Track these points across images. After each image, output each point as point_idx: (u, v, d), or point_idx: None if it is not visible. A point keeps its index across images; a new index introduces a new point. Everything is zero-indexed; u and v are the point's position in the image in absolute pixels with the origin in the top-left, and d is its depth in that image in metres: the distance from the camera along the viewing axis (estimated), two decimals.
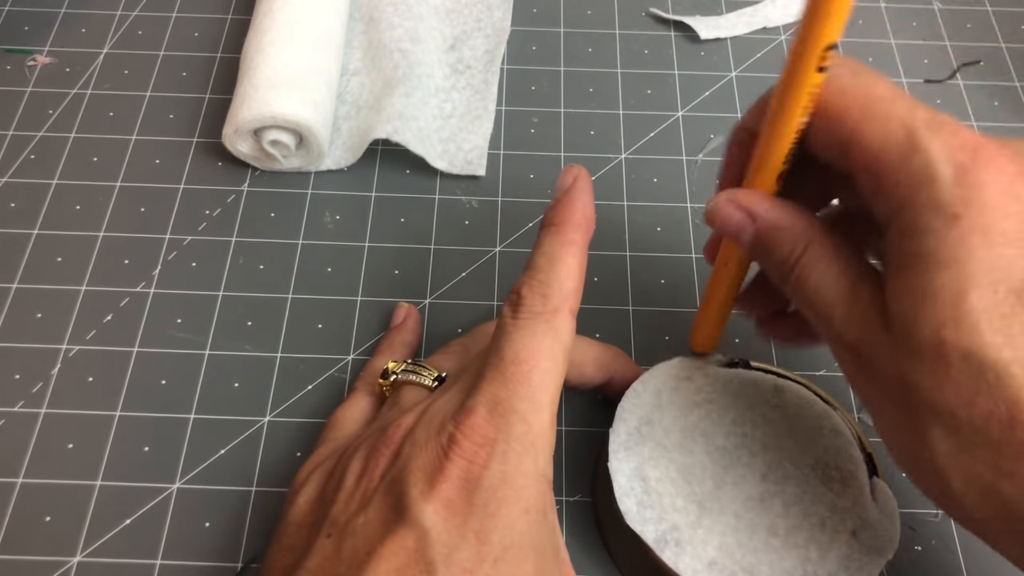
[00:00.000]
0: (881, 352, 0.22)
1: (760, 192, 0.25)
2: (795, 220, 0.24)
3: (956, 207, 0.20)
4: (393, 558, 0.22)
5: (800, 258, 0.24)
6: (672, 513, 0.28)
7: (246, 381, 0.35)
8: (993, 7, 0.48)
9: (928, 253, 0.20)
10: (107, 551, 0.31)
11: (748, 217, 0.25)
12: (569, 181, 0.27)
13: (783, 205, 0.25)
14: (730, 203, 0.25)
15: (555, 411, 0.25)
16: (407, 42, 0.42)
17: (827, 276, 0.23)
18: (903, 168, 0.21)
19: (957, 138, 0.21)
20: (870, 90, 0.22)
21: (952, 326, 0.20)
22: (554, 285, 0.25)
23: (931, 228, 0.20)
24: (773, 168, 0.24)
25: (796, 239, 0.24)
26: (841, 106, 0.23)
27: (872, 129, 0.22)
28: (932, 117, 0.21)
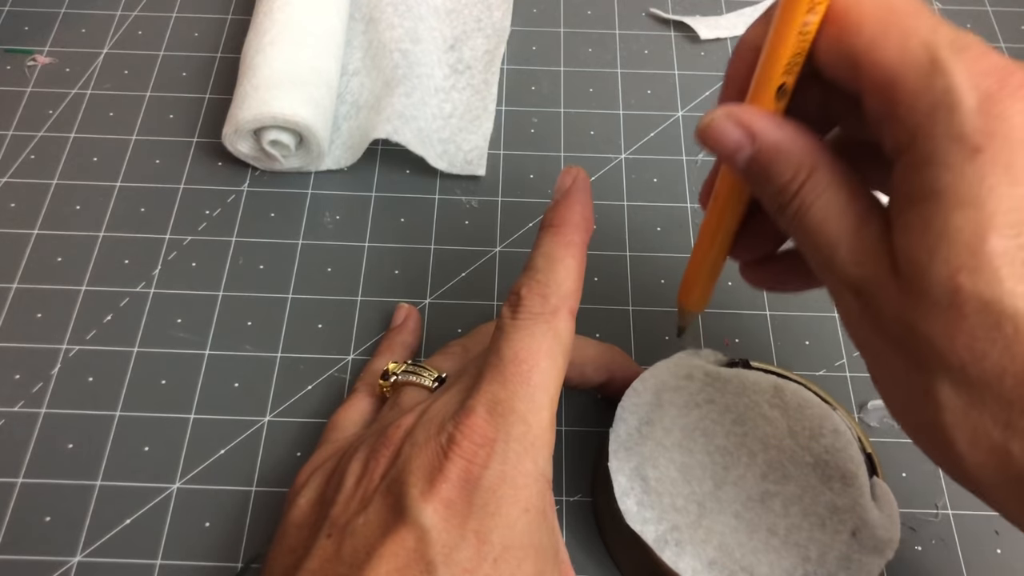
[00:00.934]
0: (887, 295, 0.20)
1: (761, 109, 0.23)
2: (799, 142, 0.22)
3: (978, 139, 0.18)
4: (393, 558, 0.22)
5: (803, 185, 0.22)
6: (672, 513, 0.28)
7: (246, 381, 0.35)
8: (993, 7, 0.48)
9: (944, 189, 0.19)
10: (107, 551, 0.31)
11: (746, 135, 0.22)
12: (568, 182, 0.27)
13: (786, 124, 0.22)
14: (727, 118, 0.23)
15: (555, 411, 0.25)
16: (407, 42, 0.42)
17: (832, 207, 0.21)
18: (921, 92, 0.19)
19: (984, 62, 0.19)
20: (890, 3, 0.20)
21: (969, 272, 0.18)
22: (553, 285, 0.25)
23: (949, 161, 0.18)
24: (774, 79, 0.22)
25: (799, 163, 0.22)
26: (855, 16, 0.20)
27: (889, 45, 0.20)
28: (957, 37, 0.19)
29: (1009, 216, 0.18)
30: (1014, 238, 0.18)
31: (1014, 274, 0.18)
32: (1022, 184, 0.18)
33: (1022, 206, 0.18)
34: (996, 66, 0.19)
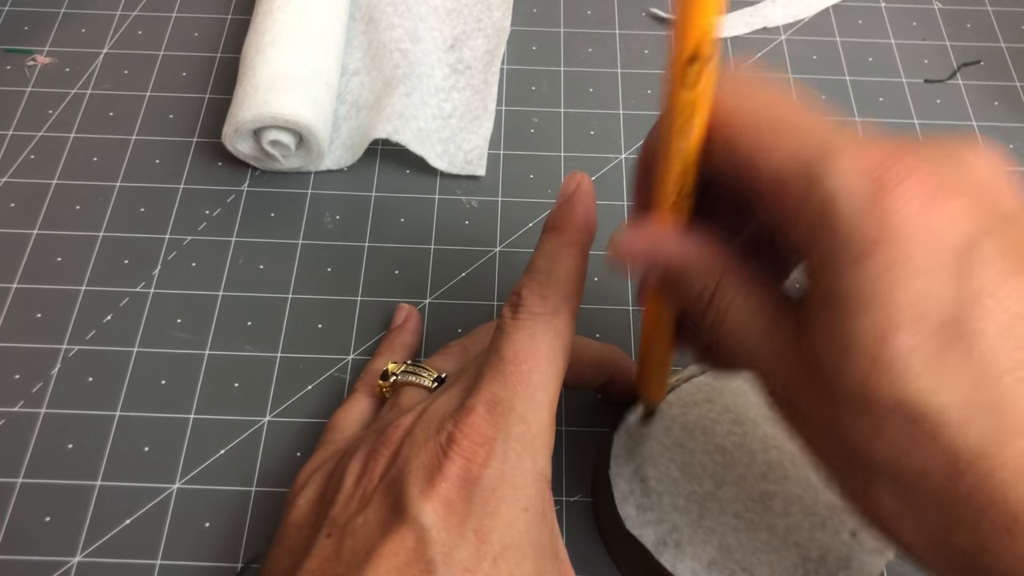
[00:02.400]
0: (809, 398, 0.20)
1: (663, 226, 0.23)
2: (703, 253, 0.22)
3: (866, 242, 0.18)
4: (393, 558, 0.22)
5: (714, 296, 0.22)
6: (672, 513, 0.28)
7: (246, 381, 0.35)
8: (993, 7, 0.48)
9: (844, 293, 0.18)
10: (107, 551, 0.31)
11: (651, 255, 0.23)
12: (572, 187, 0.27)
13: (689, 238, 0.23)
14: (630, 240, 0.23)
15: (554, 411, 0.25)
16: (407, 42, 0.42)
17: (744, 313, 0.21)
18: (805, 201, 0.19)
19: (862, 158, 0.19)
20: (767, 111, 0.20)
21: (879, 373, 0.18)
22: (554, 286, 0.25)
23: (842, 267, 0.18)
24: (669, 195, 0.22)
25: (706, 274, 0.22)
26: (735, 130, 0.20)
27: (768, 157, 0.20)
28: (833, 138, 0.19)
29: (911, 312, 0.18)
30: (918, 333, 0.18)
31: (923, 370, 0.18)
32: (919, 276, 0.18)
33: (922, 299, 0.18)
34: (876, 159, 0.18)
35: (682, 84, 0.19)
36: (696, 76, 0.19)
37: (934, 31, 0.47)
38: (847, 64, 0.45)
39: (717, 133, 0.21)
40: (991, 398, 0.17)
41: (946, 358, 0.18)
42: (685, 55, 0.19)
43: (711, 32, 0.18)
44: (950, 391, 0.17)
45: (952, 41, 0.46)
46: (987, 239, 0.18)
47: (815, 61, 0.45)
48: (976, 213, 0.18)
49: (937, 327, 0.18)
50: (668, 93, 0.20)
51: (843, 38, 0.46)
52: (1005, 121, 0.43)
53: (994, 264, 0.18)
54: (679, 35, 0.18)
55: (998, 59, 0.45)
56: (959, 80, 0.45)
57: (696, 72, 0.19)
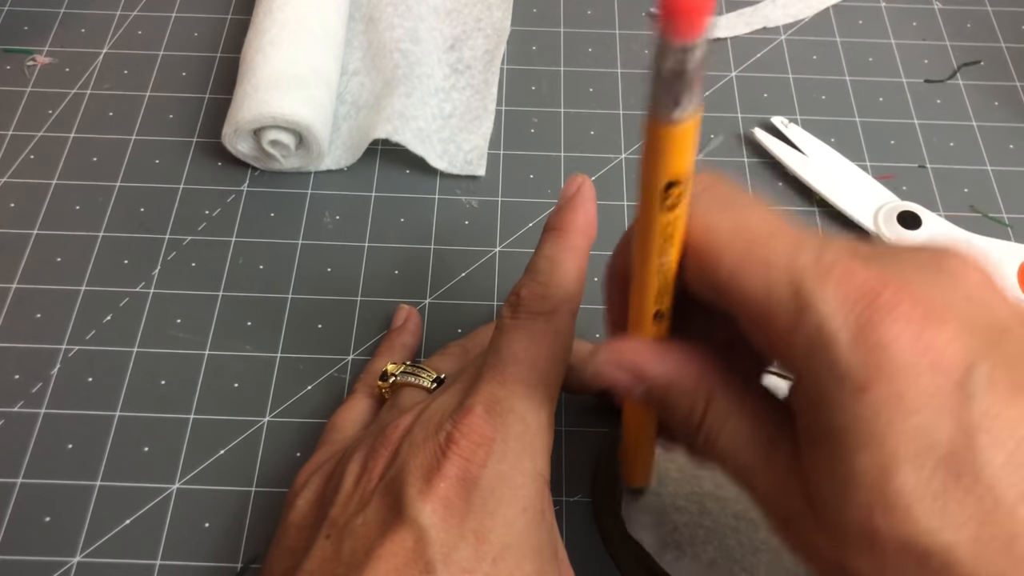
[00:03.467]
0: (810, 528, 0.19)
1: (643, 343, 0.22)
2: (690, 371, 0.21)
3: (861, 376, 0.17)
4: (392, 558, 0.22)
5: (704, 417, 0.21)
6: (673, 513, 0.28)
7: (246, 381, 0.35)
8: (993, 7, 0.48)
9: (840, 430, 0.18)
10: (107, 551, 0.31)
11: (633, 375, 0.21)
12: (573, 189, 0.27)
13: (673, 354, 0.21)
14: (610, 364, 0.22)
15: (554, 411, 0.25)
16: (407, 42, 0.42)
17: (737, 436, 0.20)
18: (794, 331, 0.18)
19: (849, 285, 0.18)
20: (745, 228, 0.19)
21: (882, 513, 0.17)
22: (553, 286, 0.25)
23: (838, 402, 0.18)
24: (648, 310, 0.21)
25: (694, 395, 0.21)
26: (713, 249, 0.19)
27: (752, 280, 0.19)
28: (817, 260, 0.18)
29: (910, 448, 0.17)
30: (919, 470, 0.17)
31: (928, 509, 0.17)
32: (917, 412, 0.17)
33: (920, 436, 0.17)
34: (862, 288, 0.18)
35: (661, 208, 0.18)
36: (676, 199, 0.18)
37: (934, 31, 0.47)
38: (847, 64, 0.45)
39: (693, 254, 0.20)
40: (1002, 532, 0.17)
41: (951, 494, 0.17)
42: (664, 181, 0.17)
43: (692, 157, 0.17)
44: (957, 528, 0.17)
45: (952, 41, 0.46)
46: (984, 361, 0.17)
47: (815, 61, 0.45)
48: (970, 334, 0.17)
49: (939, 462, 0.17)
50: (644, 216, 0.19)
51: (843, 38, 0.46)
52: (1005, 121, 0.43)
53: (995, 387, 0.17)
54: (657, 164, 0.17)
55: (998, 59, 0.45)
56: (959, 80, 0.45)
57: (676, 195, 0.18)
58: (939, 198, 0.40)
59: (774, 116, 0.42)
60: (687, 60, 0.15)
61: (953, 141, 0.42)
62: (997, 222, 0.40)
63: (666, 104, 0.16)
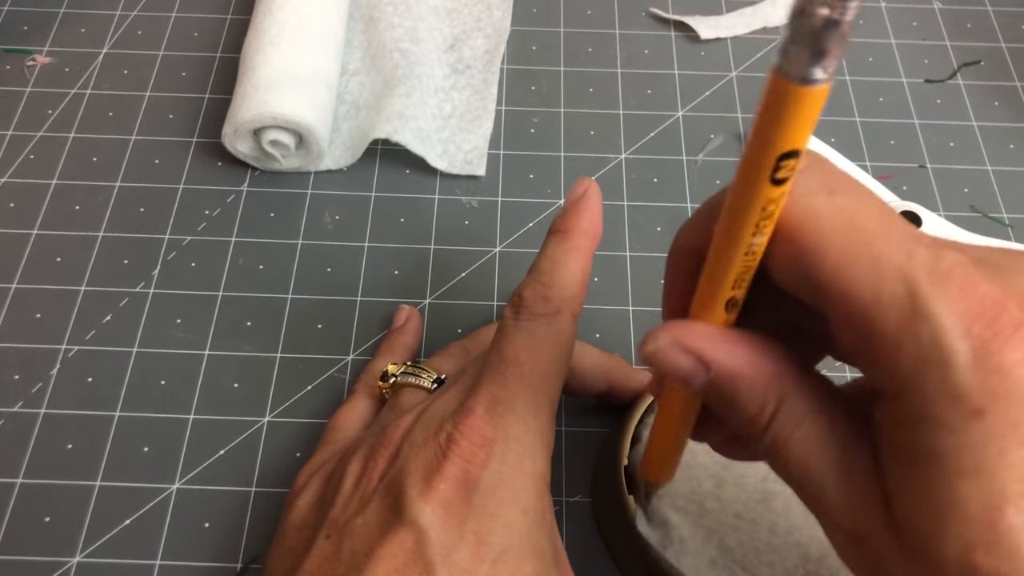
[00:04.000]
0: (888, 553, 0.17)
1: (713, 328, 0.20)
2: (762, 367, 0.19)
3: (979, 400, 0.16)
4: (392, 559, 0.22)
5: (773, 418, 0.19)
6: (673, 513, 0.28)
7: (246, 381, 0.35)
8: (993, 7, 0.48)
9: (946, 453, 0.16)
10: (107, 551, 0.31)
11: (698, 364, 0.19)
12: (579, 192, 0.27)
13: (745, 345, 0.19)
14: (675, 347, 0.19)
15: (555, 413, 0.25)
16: (407, 42, 0.42)
17: (809, 443, 0.19)
18: (904, 339, 0.16)
19: (971, 297, 0.16)
20: (854, 218, 0.17)
21: (985, 550, 0.16)
22: (556, 288, 0.25)
23: (947, 423, 0.16)
24: (721, 296, 0.19)
25: (765, 393, 0.19)
26: (815, 237, 0.17)
27: (859, 276, 0.17)
28: (936, 263, 0.17)
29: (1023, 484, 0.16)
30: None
31: None
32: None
33: None
34: (984, 302, 0.16)
35: (771, 179, 0.16)
36: (789, 171, 0.16)
37: (934, 31, 0.47)
38: (847, 64, 0.45)
39: (789, 240, 0.18)
40: None
41: None
42: (782, 148, 0.16)
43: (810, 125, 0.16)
44: None
45: (952, 41, 0.46)
46: None
47: None
48: None
49: None
50: (745, 187, 0.17)
51: None
52: (1005, 121, 0.43)
53: None
54: (778, 129, 0.15)
55: (998, 59, 0.45)
56: (959, 80, 0.45)
57: (790, 168, 0.16)
58: (939, 198, 0.40)
59: None
60: (846, 8, 0.13)
61: (953, 141, 0.42)
62: (997, 222, 0.40)
63: (808, 61, 0.14)
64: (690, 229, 0.21)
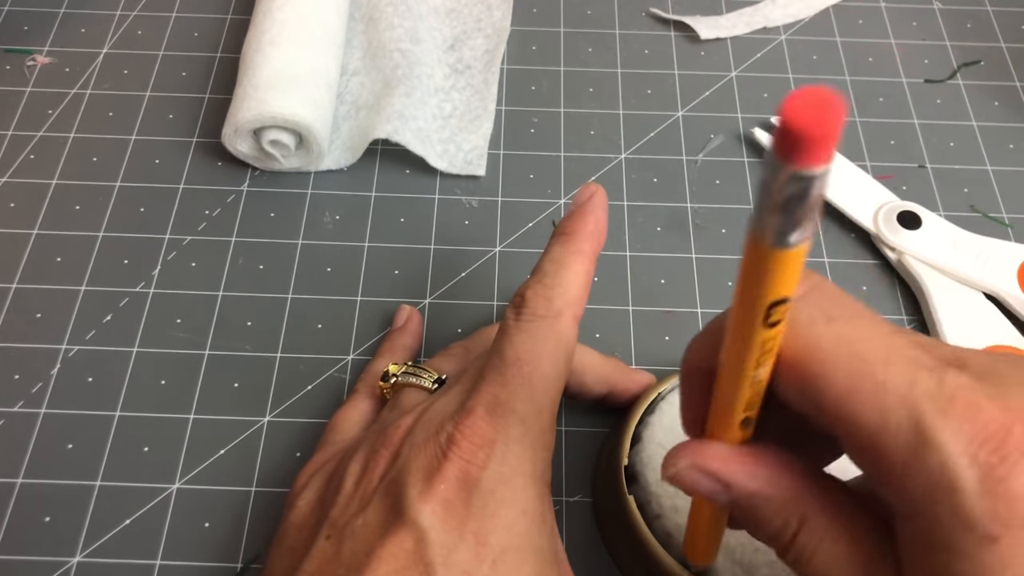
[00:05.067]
0: None
1: (730, 449, 0.20)
2: (781, 485, 0.19)
3: (991, 527, 0.16)
4: (392, 559, 0.22)
5: (795, 536, 0.19)
6: (672, 514, 0.28)
7: (246, 381, 0.35)
8: (993, 7, 0.48)
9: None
10: (107, 551, 0.31)
11: (719, 485, 0.20)
12: (586, 196, 0.28)
13: (764, 464, 0.20)
14: (693, 470, 0.20)
15: (555, 414, 0.25)
16: (407, 42, 0.42)
17: (833, 557, 0.19)
18: (913, 465, 0.17)
19: (976, 422, 0.16)
20: (855, 347, 0.18)
21: None
22: (558, 289, 0.25)
23: (961, 549, 0.16)
24: (733, 420, 0.20)
25: (787, 512, 0.19)
26: (818, 367, 0.18)
27: (864, 406, 0.17)
28: (939, 388, 0.17)
29: None
30: None
31: None
32: None
33: None
34: (989, 427, 0.16)
35: (764, 324, 0.17)
36: (780, 315, 0.17)
37: (934, 31, 0.47)
38: (847, 64, 0.45)
39: (793, 371, 0.18)
40: None
41: None
42: (770, 299, 0.16)
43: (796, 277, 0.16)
44: None
45: (952, 41, 0.46)
46: None
47: (815, 61, 0.45)
48: None
49: None
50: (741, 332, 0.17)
51: (843, 38, 0.46)
52: (1005, 121, 0.43)
53: None
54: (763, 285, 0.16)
55: (998, 59, 0.45)
56: (959, 80, 0.45)
57: (781, 312, 0.17)
58: (939, 198, 0.40)
59: (774, 116, 0.42)
60: (811, 187, 0.14)
61: (953, 141, 0.42)
62: (997, 222, 0.40)
63: (781, 229, 0.15)
64: (699, 348, 0.21)
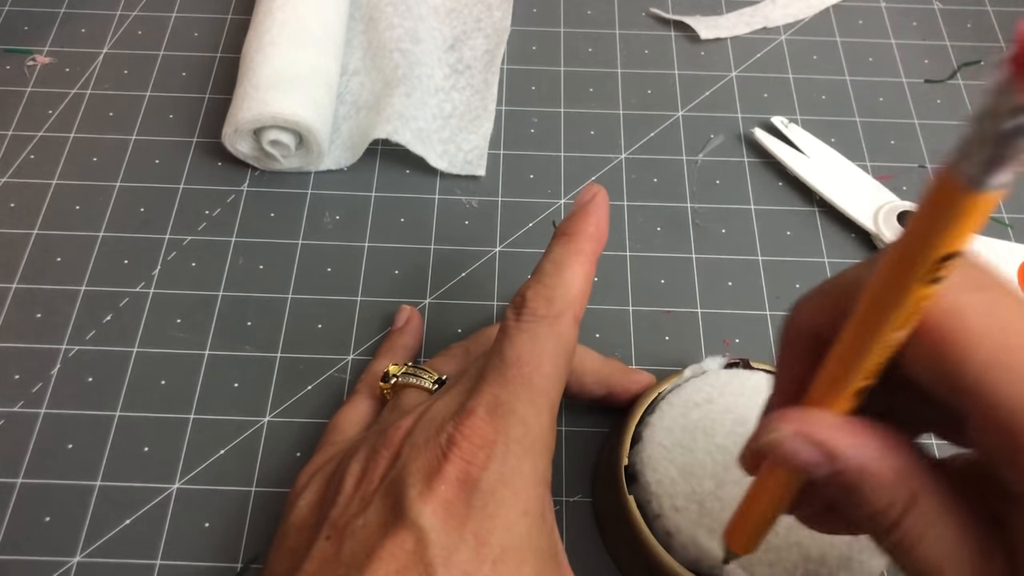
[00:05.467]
0: None
1: (839, 418, 0.19)
2: (893, 462, 0.18)
3: None
4: (392, 560, 0.22)
5: (903, 517, 0.18)
6: (673, 514, 0.28)
7: (246, 381, 0.35)
8: (993, 7, 0.48)
9: None
10: (107, 551, 0.31)
11: (824, 455, 0.18)
12: (588, 197, 0.28)
13: (875, 437, 0.18)
14: (798, 438, 0.18)
15: (555, 415, 0.25)
16: (407, 42, 0.42)
17: (942, 545, 0.18)
18: None
19: None
20: (1002, 317, 0.17)
21: None
22: (559, 290, 0.25)
23: None
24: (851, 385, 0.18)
25: (895, 491, 0.18)
26: (961, 337, 0.17)
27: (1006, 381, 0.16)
28: None
29: None
30: None
31: None
32: None
33: None
34: None
35: (925, 280, 0.16)
36: (948, 271, 0.16)
37: (934, 31, 0.47)
38: (847, 64, 0.45)
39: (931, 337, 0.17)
40: None
41: None
42: (946, 251, 0.15)
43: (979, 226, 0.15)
44: None
45: (952, 41, 0.46)
46: None
47: (815, 61, 0.45)
48: None
49: None
50: (897, 284, 0.16)
51: (843, 38, 0.46)
52: None
53: None
54: (945, 231, 0.15)
55: (998, 59, 0.45)
56: (959, 80, 0.45)
57: (949, 268, 0.15)
58: None
59: (774, 116, 0.42)
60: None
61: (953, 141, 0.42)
62: (997, 222, 0.40)
63: (986, 168, 0.13)
64: (812, 308, 0.20)
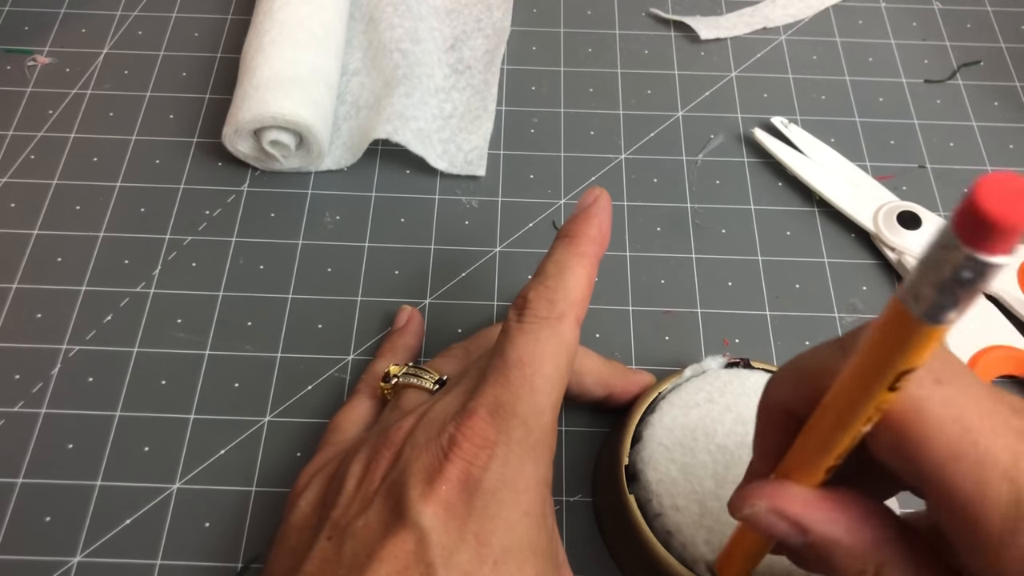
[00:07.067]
0: None
1: (811, 493, 0.20)
2: (860, 534, 0.19)
3: None
4: (393, 560, 0.22)
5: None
6: (673, 513, 0.28)
7: (246, 381, 0.35)
8: (993, 7, 0.48)
9: None
10: (107, 551, 0.31)
11: (796, 529, 0.19)
12: (590, 200, 0.28)
13: (844, 511, 0.19)
14: (771, 513, 0.20)
15: (556, 416, 0.25)
16: (407, 42, 0.42)
17: None
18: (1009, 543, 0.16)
19: None
20: (961, 412, 0.17)
21: None
22: (561, 292, 0.25)
23: None
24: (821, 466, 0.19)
25: (864, 560, 0.19)
26: (920, 428, 0.17)
27: (964, 474, 0.17)
28: None
29: None
30: None
31: None
32: None
33: None
34: None
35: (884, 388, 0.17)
36: (906, 381, 0.17)
37: (934, 31, 0.47)
38: (847, 64, 0.45)
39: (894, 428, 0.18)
40: None
41: None
42: (903, 368, 0.16)
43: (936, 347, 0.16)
44: None
45: (952, 41, 0.46)
46: None
47: (815, 61, 0.45)
48: None
49: None
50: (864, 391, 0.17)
51: (843, 38, 0.46)
52: (1005, 121, 0.43)
53: None
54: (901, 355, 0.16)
55: (998, 59, 0.45)
56: (959, 80, 0.45)
57: (907, 378, 0.17)
58: (939, 198, 0.40)
59: (774, 116, 0.42)
60: (985, 274, 0.13)
61: (953, 141, 0.42)
62: None
63: (938, 305, 0.14)
64: (781, 388, 0.21)
